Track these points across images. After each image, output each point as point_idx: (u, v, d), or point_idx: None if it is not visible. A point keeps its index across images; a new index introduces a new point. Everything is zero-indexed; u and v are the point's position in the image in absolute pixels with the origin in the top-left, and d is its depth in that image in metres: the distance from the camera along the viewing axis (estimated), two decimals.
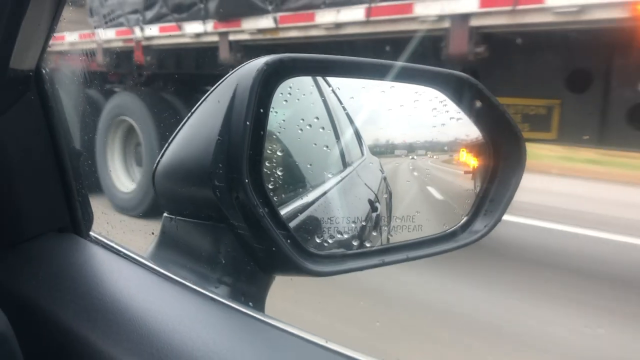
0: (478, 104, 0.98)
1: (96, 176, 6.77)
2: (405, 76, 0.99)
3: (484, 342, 3.71)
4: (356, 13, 5.34)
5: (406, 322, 3.89)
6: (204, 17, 6.51)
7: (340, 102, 1.03)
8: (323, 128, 1.00)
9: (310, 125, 0.96)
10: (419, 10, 5.01)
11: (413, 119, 1.08)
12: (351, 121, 1.07)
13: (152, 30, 6.95)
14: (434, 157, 1.07)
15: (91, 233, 0.95)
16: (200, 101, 0.91)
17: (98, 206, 1.00)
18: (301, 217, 0.94)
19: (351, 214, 1.03)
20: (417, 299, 4.36)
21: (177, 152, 0.93)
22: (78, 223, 0.92)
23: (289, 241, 0.84)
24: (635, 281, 4.83)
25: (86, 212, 0.94)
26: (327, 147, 1.00)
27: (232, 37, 6.51)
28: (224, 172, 0.81)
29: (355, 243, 0.98)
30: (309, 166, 0.97)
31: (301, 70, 0.91)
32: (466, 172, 1.07)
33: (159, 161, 0.96)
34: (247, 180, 0.79)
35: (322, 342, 0.60)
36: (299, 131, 0.94)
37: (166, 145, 0.95)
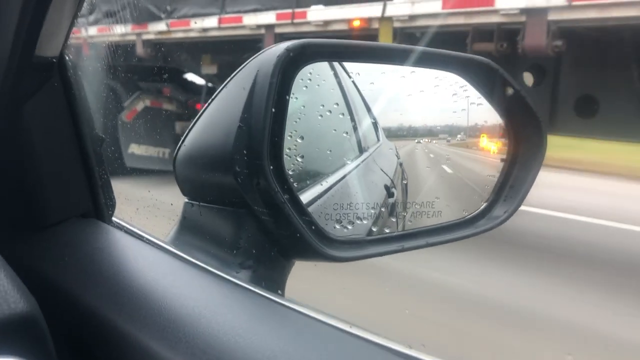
0: (510, 91, 0.97)
1: None
2: (425, 61, 0.98)
3: None
4: (212, 21, 8.09)
5: None
6: (124, 21, 8.74)
7: (357, 89, 1.03)
8: (343, 114, 0.99)
9: (330, 112, 0.96)
10: (246, 21, 7.76)
11: (433, 105, 1.07)
12: (368, 107, 1.07)
13: (92, 30, 9.18)
14: (454, 142, 1.06)
15: (113, 218, 0.96)
16: (221, 87, 0.91)
17: (121, 192, 1.01)
18: (320, 202, 0.94)
19: (370, 200, 1.03)
20: None
21: (198, 139, 0.93)
22: (101, 208, 0.93)
23: (309, 227, 0.85)
24: None
25: (108, 197, 0.95)
26: (347, 133, 1.00)
27: (144, 37, 9.03)
28: (246, 159, 0.81)
29: (374, 229, 0.98)
30: (328, 152, 0.97)
31: (322, 55, 0.91)
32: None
33: (179, 147, 0.97)
34: (268, 167, 0.79)
35: (346, 327, 0.61)
36: (319, 117, 0.94)
37: (187, 131, 0.96)
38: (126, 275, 0.76)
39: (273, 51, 0.83)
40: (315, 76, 0.91)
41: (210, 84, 8.83)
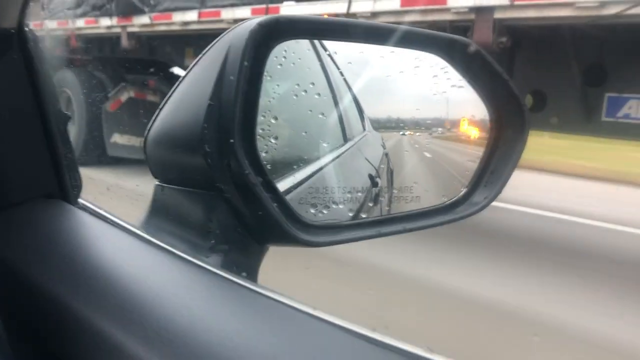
0: (481, 75, 0.94)
1: None
2: (405, 41, 0.95)
3: None
4: (193, 15, 8.51)
5: None
6: (110, 14, 9.46)
7: (338, 68, 1.00)
8: (319, 94, 0.96)
9: (305, 91, 0.92)
10: (224, 15, 8.10)
11: (413, 87, 1.04)
12: (350, 90, 1.04)
13: (80, 22, 9.72)
14: (435, 127, 1.04)
15: (80, 200, 0.92)
16: (192, 65, 0.88)
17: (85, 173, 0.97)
18: (295, 186, 0.91)
19: (349, 185, 1.01)
20: None
21: (168, 118, 0.90)
22: (66, 189, 0.90)
23: (282, 210, 0.82)
24: None
25: (74, 178, 0.92)
26: (323, 114, 0.97)
27: (129, 30, 9.41)
28: (215, 137, 0.78)
29: (351, 214, 0.95)
30: (304, 134, 0.94)
31: (297, 32, 0.87)
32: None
33: (150, 127, 0.93)
34: (239, 146, 0.76)
35: (309, 310, 0.58)
36: (294, 97, 0.91)
37: (157, 111, 0.92)
38: (86, 258, 0.73)
39: (245, 26, 0.80)
40: (291, 54, 0.88)
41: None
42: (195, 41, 8.97)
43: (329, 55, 0.98)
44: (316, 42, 0.96)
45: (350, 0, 6.72)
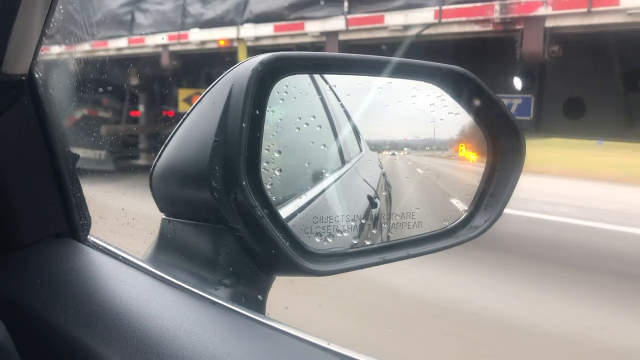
0: (477, 102, 0.97)
1: None
2: (402, 72, 0.98)
3: None
4: (124, 42, 9.94)
5: None
6: (58, 42, 10.23)
7: (338, 99, 1.02)
8: (320, 126, 0.99)
9: (307, 124, 0.95)
10: (147, 41, 9.64)
11: (411, 115, 1.07)
12: (349, 118, 1.06)
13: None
14: (433, 152, 1.06)
15: (89, 237, 0.94)
16: (196, 102, 0.90)
17: (95, 210, 0.99)
18: (300, 216, 0.93)
19: (350, 212, 1.02)
20: None
21: (173, 154, 0.92)
22: (76, 228, 0.91)
23: (288, 242, 0.83)
24: None
25: (83, 216, 0.93)
26: (324, 145, 0.99)
27: (75, 56, 9.57)
28: (221, 174, 0.80)
29: (355, 241, 0.97)
30: (306, 165, 0.96)
31: (297, 68, 0.90)
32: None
33: (155, 163, 0.95)
34: (244, 182, 0.78)
35: (324, 343, 0.59)
36: (296, 130, 0.93)
37: (162, 147, 0.94)
38: (99, 296, 0.74)
39: (247, 64, 0.82)
40: (292, 89, 0.90)
41: (135, 91, 10.44)
42: (133, 63, 10.36)
43: (330, 87, 1.01)
44: (316, 75, 0.98)
45: (238, 28, 8.44)
